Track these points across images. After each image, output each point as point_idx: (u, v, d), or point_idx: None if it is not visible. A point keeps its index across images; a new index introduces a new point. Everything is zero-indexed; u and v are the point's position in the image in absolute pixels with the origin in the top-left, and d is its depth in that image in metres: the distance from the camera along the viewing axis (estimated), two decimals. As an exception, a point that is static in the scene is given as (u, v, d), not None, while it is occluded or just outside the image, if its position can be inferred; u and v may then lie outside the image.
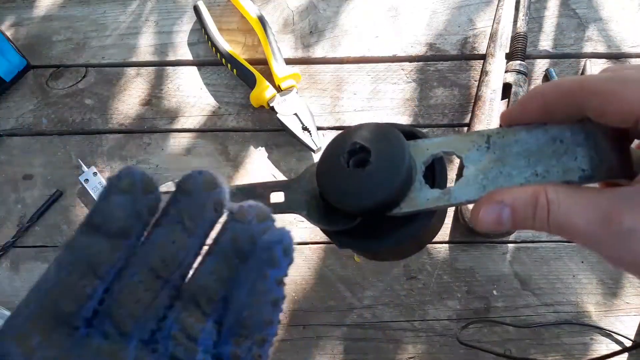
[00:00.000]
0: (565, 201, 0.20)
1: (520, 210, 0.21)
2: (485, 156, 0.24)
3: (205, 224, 0.20)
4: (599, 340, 0.49)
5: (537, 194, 0.21)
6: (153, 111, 0.57)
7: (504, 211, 0.21)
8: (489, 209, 0.22)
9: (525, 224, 0.21)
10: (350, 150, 0.25)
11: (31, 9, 0.62)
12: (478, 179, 0.24)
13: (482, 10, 0.59)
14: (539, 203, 0.21)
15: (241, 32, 0.60)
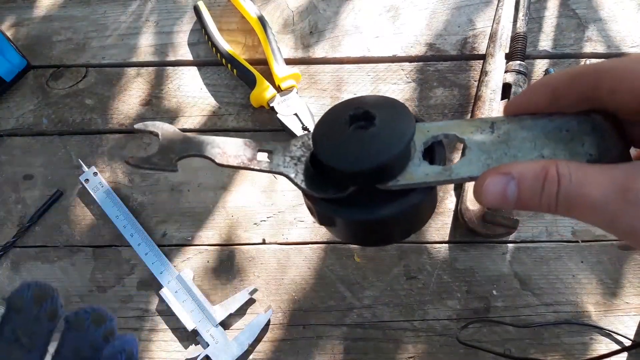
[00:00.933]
0: (577, 174, 0.19)
1: (527, 183, 0.20)
2: (490, 138, 0.23)
3: (42, 337, 0.19)
4: (598, 339, 0.49)
5: (547, 167, 0.20)
6: (153, 111, 0.57)
7: (510, 184, 0.20)
8: (495, 180, 0.21)
9: (531, 200, 0.20)
10: (353, 114, 0.24)
11: (31, 9, 0.62)
12: (481, 158, 0.23)
13: (482, 11, 0.59)
14: (549, 176, 0.19)
15: (241, 33, 0.60)
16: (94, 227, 0.54)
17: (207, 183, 0.55)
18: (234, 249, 0.53)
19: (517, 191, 0.20)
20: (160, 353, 0.50)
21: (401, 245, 0.52)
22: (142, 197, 0.54)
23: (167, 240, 0.53)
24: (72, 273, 0.53)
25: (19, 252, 0.53)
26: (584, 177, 0.19)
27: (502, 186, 0.20)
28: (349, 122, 0.24)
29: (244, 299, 0.50)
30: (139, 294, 0.52)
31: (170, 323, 0.51)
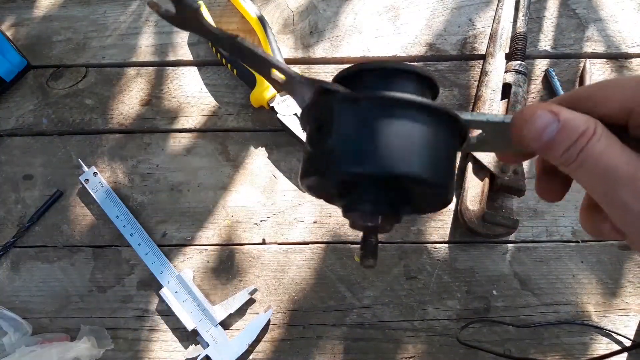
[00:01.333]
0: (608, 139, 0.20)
1: (568, 131, 0.20)
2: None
3: None
4: (598, 340, 0.49)
5: (590, 123, 0.20)
6: (153, 111, 0.57)
7: (553, 125, 0.21)
8: (544, 114, 0.21)
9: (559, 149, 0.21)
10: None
11: (31, 9, 0.62)
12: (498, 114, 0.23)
13: (482, 11, 0.59)
14: (587, 132, 0.20)
15: (241, 33, 0.60)
16: (93, 227, 0.54)
17: (207, 183, 0.55)
18: (234, 249, 0.53)
19: (555, 136, 0.21)
20: (160, 353, 0.50)
21: (401, 245, 0.52)
22: (142, 197, 0.54)
23: (167, 240, 0.53)
24: (72, 273, 0.52)
25: (19, 252, 0.53)
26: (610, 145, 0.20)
27: (546, 124, 0.21)
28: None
29: (243, 299, 0.50)
30: (138, 294, 0.52)
31: (170, 323, 0.51)
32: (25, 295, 0.52)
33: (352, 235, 0.52)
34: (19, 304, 0.52)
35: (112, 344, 0.50)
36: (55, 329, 0.51)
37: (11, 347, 0.48)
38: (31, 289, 0.52)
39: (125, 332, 0.51)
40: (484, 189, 0.51)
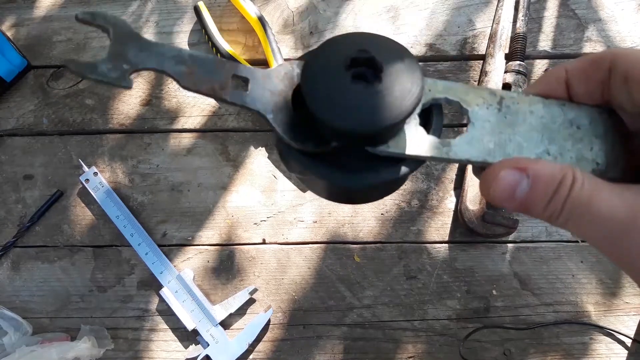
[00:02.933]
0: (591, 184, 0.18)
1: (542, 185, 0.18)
2: (495, 117, 0.21)
3: None
4: (598, 339, 0.49)
5: (565, 171, 0.18)
6: (153, 111, 0.57)
7: (523, 182, 0.19)
8: (509, 174, 0.19)
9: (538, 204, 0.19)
10: (355, 57, 0.20)
11: (32, 9, 0.62)
12: (483, 140, 0.21)
13: (482, 11, 0.59)
14: (565, 181, 0.18)
15: (241, 33, 0.60)
16: (94, 227, 0.54)
17: (207, 183, 0.55)
18: (234, 249, 0.53)
19: (528, 192, 0.19)
20: (160, 353, 0.50)
21: (401, 245, 0.52)
22: (142, 197, 0.54)
23: (167, 240, 0.53)
24: (73, 273, 0.53)
25: (19, 252, 0.53)
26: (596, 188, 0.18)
27: (514, 182, 0.19)
28: (349, 65, 0.20)
29: (244, 298, 0.50)
30: (139, 293, 0.52)
31: (170, 323, 0.51)
32: (26, 295, 0.52)
33: (351, 235, 0.53)
34: (19, 304, 0.52)
35: (112, 343, 0.50)
36: (55, 329, 0.51)
37: (11, 346, 0.48)
38: (31, 288, 0.52)
39: (126, 332, 0.51)
40: (483, 189, 0.51)
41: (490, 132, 0.21)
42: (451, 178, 0.54)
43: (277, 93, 0.21)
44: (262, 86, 0.21)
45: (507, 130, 0.21)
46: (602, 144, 0.21)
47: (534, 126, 0.21)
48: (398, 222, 0.53)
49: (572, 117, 0.22)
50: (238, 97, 0.21)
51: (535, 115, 0.21)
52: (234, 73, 0.21)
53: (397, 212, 0.53)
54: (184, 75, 0.20)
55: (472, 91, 0.22)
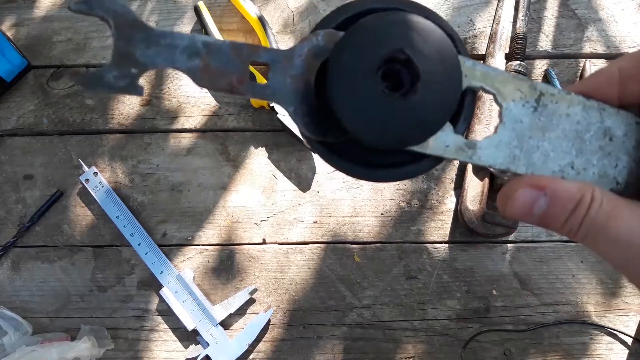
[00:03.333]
0: (610, 204, 0.18)
1: (559, 204, 0.19)
2: (529, 118, 0.20)
3: None
4: (598, 339, 0.49)
5: (584, 190, 0.18)
6: (153, 111, 0.57)
7: (540, 200, 0.19)
8: (526, 193, 0.19)
9: (555, 221, 0.19)
10: (389, 57, 0.18)
11: (32, 9, 0.62)
12: (511, 145, 0.20)
13: (482, 11, 0.59)
14: (583, 201, 0.18)
15: (241, 33, 0.60)
16: (94, 227, 0.54)
17: (207, 183, 0.55)
18: (234, 249, 0.53)
19: (545, 210, 0.19)
20: (160, 353, 0.50)
21: (401, 245, 0.52)
22: (142, 197, 0.54)
23: (167, 240, 0.53)
24: (73, 273, 0.53)
25: (20, 252, 0.53)
26: (615, 209, 0.18)
27: (532, 200, 0.19)
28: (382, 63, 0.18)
29: (244, 298, 0.50)
30: (139, 293, 0.52)
31: (170, 323, 0.51)
32: (26, 295, 0.52)
33: (351, 235, 0.53)
34: (20, 304, 0.52)
35: (112, 343, 0.50)
36: (55, 329, 0.51)
37: (11, 346, 0.48)
38: (31, 288, 0.52)
39: (126, 332, 0.51)
40: (483, 189, 0.51)
41: (519, 135, 0.20)
42: (451, 178, 0.54)
43: (299, 77, 0.19)
44: (284, 72, 0.19)
45: (537, 134, 0.20)
46: (628, 161, 0.21)
47: (567, 132, 0.21)
48: (398, 222, 0.53)
49: (608, 125, 0.21)
50: (258, 91, 0.19)
51: (571, 120, 0.21)
52: (254, 60, 0.19)
53: (397, 212, 0.53)
54: (199, 72, 0.19)
55: (511, 82, 0.20)
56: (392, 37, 0.18)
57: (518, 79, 0.20)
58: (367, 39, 0.18)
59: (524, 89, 0.20)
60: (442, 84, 0.18)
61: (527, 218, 0.19)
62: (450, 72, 0.18)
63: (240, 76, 0.19)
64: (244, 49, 0.19)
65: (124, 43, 0.18)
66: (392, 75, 0.19)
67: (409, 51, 0.18)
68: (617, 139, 0.21)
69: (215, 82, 0.19)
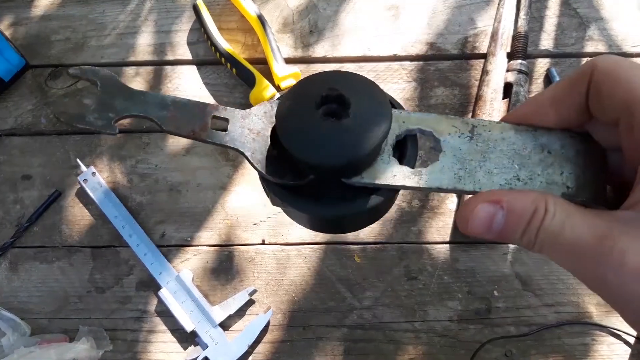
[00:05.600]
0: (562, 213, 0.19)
1: (516, 216, 0.19)
2: (466, 145, 0.22)
3: None
4: (600, 340, 0.49)
5: (537, 202, 0.19)
6: (152, 111, 0.57)
7: (498, 214, 0.19)
8: (485, 208, 0.20)
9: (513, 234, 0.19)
10: (325, 95, 0.21)
11: (30, 8, 0.62)
12: (454, 168, 0.22)
13: (483, 10, 0.59)
14: (538, 212, 0.19)
15: (241, 32, 0.59)
16: (92, 227, 0.53)
17: (206, 183, 0.54)
18: (233, 250, 0.52)
19: (503, 224, 0.19)
20: (159, 354, 0.50)
21: (402, 246, 0.52)
22: (141, 197, 0.54)
23: (166, 240, 0.53)
24: (71, 273, 0.52)
25: (17, 252, 0.53)
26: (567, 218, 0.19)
27: (490, 215, 0.19)
28: (319, 103, 0.21)
29: (243, 299, 0.50)
30: (137, 294, 0.51)
31: (169, 324, 0.51)
32: (24, 295, 0.52)
33: (351, 236, 0.52)
34: (18, 305, 0.52)
35: (110, 345, 0.50)
36: (53, 330, 0.51)
37: (10, 347, 0.48)
38: (29, 289, 0.52)
39: (124, 333, 0.50)
40: (485, 189, 0.50)
41: (461, 159, 0.22)
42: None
43: (255, 131, 0.23)
44: (242, 125, 0.23)
45: (477, 157, 0.22)
46: (573, 168, 0.22)
47: (505, 152, 0.22)
48: (399, 223, 0.52)
49: (543, 142, 0.22)
50: (218, 138, 0.22)
51: (507, 142, 0.22)
52: (214, 115, 0.23)
53: (397, 213, 0.53)
54: (166, 120, 0.22)
55: (444, 121, 0.23)
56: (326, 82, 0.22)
57: (450, 118, 0.23)
58: (306, 86, 0.22)
59: (457, 124, 0.23)
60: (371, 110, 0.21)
61: (487, 234, 0.20)
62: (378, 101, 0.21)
63: (202, 125, 0.23)
64: (207, 106, 0.23)
65: (107, 97, 0.23)
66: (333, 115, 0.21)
67: (341, 89, 0.21)
68: (555, 152, 0.22)
69: (181, 129, 0.22)
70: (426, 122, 0.23)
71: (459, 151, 0.22)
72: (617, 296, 0.18)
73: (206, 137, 0.22)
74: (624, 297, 0.18)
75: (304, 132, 0.21)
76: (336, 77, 0.22)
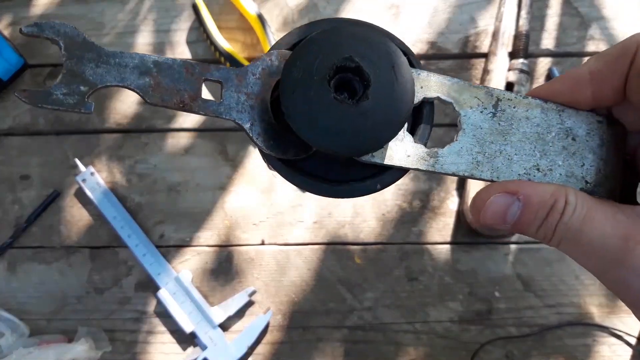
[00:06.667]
0: (584, 208, 0.18)
1: (533, 209, 0.18)
2: (488, 123, 0.20)
3: None
4: (601, 341, 0.49)
5: (557, 195, 0.18)
6: (151, 110, 0.57)
7: (514, 206, 0.18)
8: (500, 199, 0.19)
9: (529, 227, 0.19)
10: (340, 66, 0.18)
11: (29, 7, 0.62)
12: (473, 151, 0.20)
13: (484, 9, 0.59)
14: (557, 206, 0.18)
15: (240, 31, 0.59)
16: (91, 227, 0.53)
17: (205, 183, 0.54)
18: (232, 250, 0.52)
19: (519, 216, 0.19)
20: (158, 355, 0.50)
21: (402, 247, 0.51)
22: (140, 198, 0.54)
23: (165, 241, 0.53)
24: (69, 274, 0.52)
25: (16, 252, 0.53)
26: (589, 213, 0.18)
27: (506, 206, 0.19)
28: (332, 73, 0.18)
29: (243, 300, 0.49)
30: (136, 295, 0.51)
31: (168, 325, 0.50)
32: (22, 296, 0.52)
33: (352, 236, 0.52)
34: (16, 306, 0.51)
35: (109, 345, 0.50)
36: (52, 331, 0.50)
37: (8, 348, 0.48)
38: (28, 290, 0.52)
39: (123, 334, 0.50)
40: (486, 189, 0.50)
41: (480, 141, 0.20)
42: (453, 178, 0.53)
43: (254, 95, 0.20)
44: (238, 89, 0.19)
45: (498, 139, 0.20)
46: (595, 160, 0.21)
47: (528, 135, 0.21)
48: (399, 223, 0.52)
49: (569, 125, 0.21)
50: (211, 108, 0.19)
51: (531, 123, 0.21)
52: (206, 77, 0.19)
53: (398, 213, 0.52)
54: (149, 90, 0.19)
55: (467, 90, 0.21)
56: (341, 47, 0.18)
57: (474, 87, 0.21)
58: (316, 51, 0.18)
59: (481, 96, 0.20)
60: (394, 90, 0.18)
61: (500, 225, 0.19)
62: (403, 79, 0.19)
63: (192, 94, 0.19)
64: (195, 67, 0.19)
65: (74, 63, 0.18)
66: (347, 86, 0.19)
67: (358, 59, 0.18)
68: (580, 139, 0.21)
69: (167, 99, 0.19)
70: (447, 88, 0.21)
71: (480, 130, 0.20)
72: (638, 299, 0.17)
73: (198, 108, 0.19)
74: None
75: (314, 113, 0.18)
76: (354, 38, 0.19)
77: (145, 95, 0.19)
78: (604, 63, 0.20)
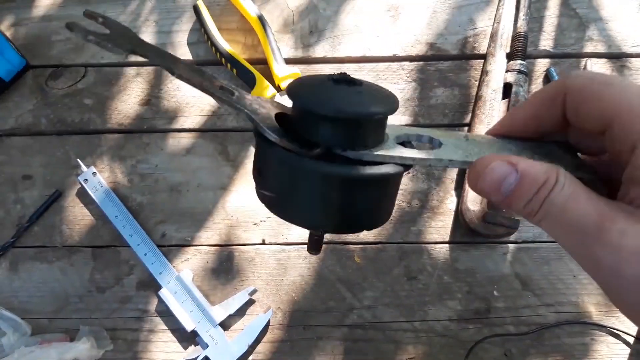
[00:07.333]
0: (570, 188, 0.19)
1: (528, 182, 0.19)
2: (464, 144, 0.24)
3: None
4: (599, 340, 0.49)
5: (550, 172, 0.19)
6: (152, 111, 0.57)
7: (511, 176, 0.19)
8: (499, 166, 0.20)
9: (520, 200, 0.19)
10: (335, 78, 0.22)
11: (30, 8, 0.62)
12: (458, 152, 0.23)
13: (483, 10, 0.59)
14: (548, 182, 0.19)
15: (241, 32, 0.60)
16: (92, 227, 0.54)
17: (206, 183, 0.54)
18: (233, 250, 0.52)
19: (514, 188, 0.19)
20: (159, 354, 0.50)
21: (402, 246, 0.52)
22: (141, 197, 0.54)
23: (167, 240, 0.53)
24: (71, 274, 0.52)
25: (18, 252, 0.53)
26: (574, 195, 0.19)
27: (503, 175, 0.19)
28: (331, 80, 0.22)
29: (243, 299, 0.50)
30: (138, 294, 0.51)
31: (169, 324, 0.51)
32: (24, 295, 0.52)
33: (351, 236, 0.52)
34: (18, 305, 0.52)
35: (111, 344, 0.50)
36: (54, 330, 0.51)
37: (10, 347, 0.48)
38: (30, 289, 0.52)
39: (125, 333, 0.51)
40: (484, 189, 0.51)
41: (464, 149, 0.23)
42: (452, 178, 0.54)
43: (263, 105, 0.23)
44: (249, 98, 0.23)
45: (476, 149, 0.23)
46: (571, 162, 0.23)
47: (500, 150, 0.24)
48: (398, 223, 0.52)
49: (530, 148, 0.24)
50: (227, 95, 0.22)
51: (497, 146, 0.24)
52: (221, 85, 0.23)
53: (397, 212, 0.53)
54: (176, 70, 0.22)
55: (439, 131, 0.25)
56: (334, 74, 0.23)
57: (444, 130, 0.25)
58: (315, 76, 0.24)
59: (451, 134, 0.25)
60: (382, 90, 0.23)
61: (494, 195, 0.20)
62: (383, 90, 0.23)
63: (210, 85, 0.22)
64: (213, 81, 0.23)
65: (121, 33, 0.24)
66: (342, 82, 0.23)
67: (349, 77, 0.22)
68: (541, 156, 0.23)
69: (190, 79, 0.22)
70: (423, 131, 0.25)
71: (459, 145, 0.23)
72: (609, 277, 0.18)
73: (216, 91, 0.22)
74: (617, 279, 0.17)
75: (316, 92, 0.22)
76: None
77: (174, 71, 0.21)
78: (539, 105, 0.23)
